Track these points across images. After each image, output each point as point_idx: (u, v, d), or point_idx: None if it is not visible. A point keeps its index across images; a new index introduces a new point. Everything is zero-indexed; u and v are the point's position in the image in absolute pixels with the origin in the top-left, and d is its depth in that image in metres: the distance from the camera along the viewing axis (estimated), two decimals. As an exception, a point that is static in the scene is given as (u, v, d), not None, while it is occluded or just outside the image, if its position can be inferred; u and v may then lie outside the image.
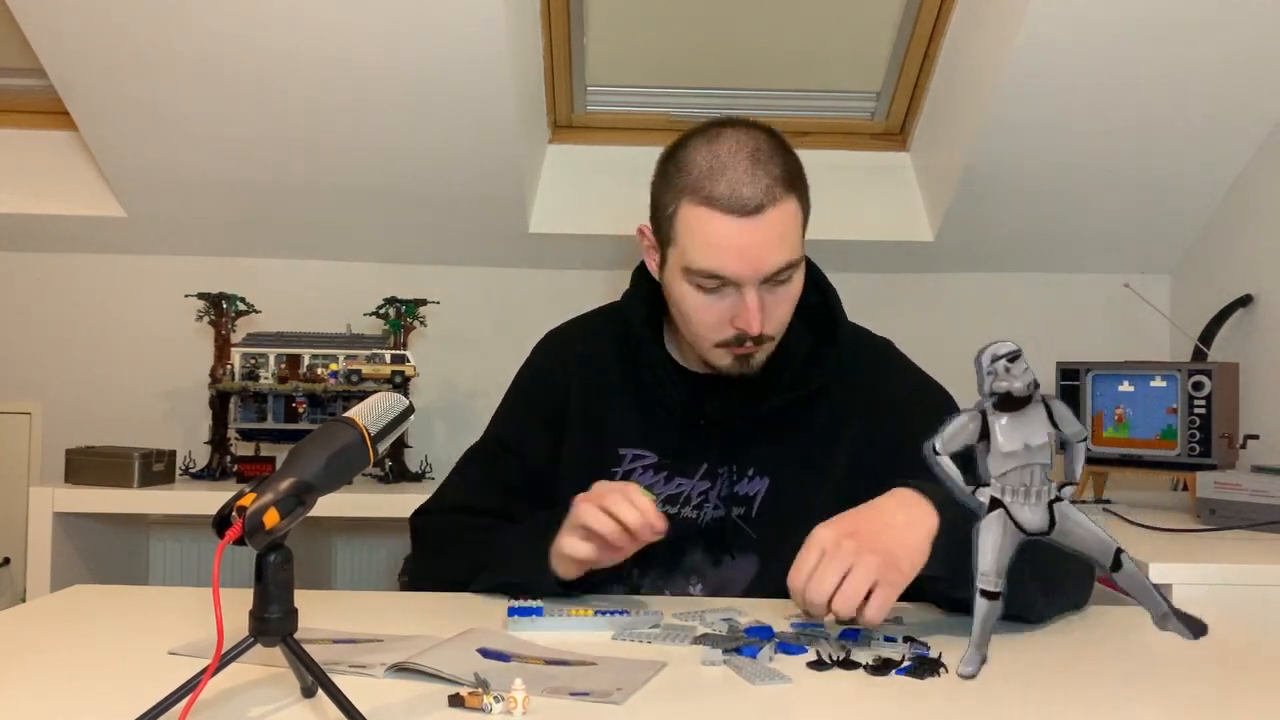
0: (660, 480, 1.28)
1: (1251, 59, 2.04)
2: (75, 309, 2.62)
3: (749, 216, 1.14)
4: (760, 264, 1.16)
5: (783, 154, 1.19)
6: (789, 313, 1.23)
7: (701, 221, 1.16)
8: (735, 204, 1.14)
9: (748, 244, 1.15)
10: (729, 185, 1.14)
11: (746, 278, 1.16)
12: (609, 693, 0.83)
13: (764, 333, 1.19)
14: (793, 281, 1.21)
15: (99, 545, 2.28)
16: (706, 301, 1.20)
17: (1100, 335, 2.57)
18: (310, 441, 0.80)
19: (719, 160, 1.16)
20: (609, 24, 2.36)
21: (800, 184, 1.20)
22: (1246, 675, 0.97)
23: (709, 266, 1.17)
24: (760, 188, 1.14)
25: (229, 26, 2.02)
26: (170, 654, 0.94)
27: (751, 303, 1.16)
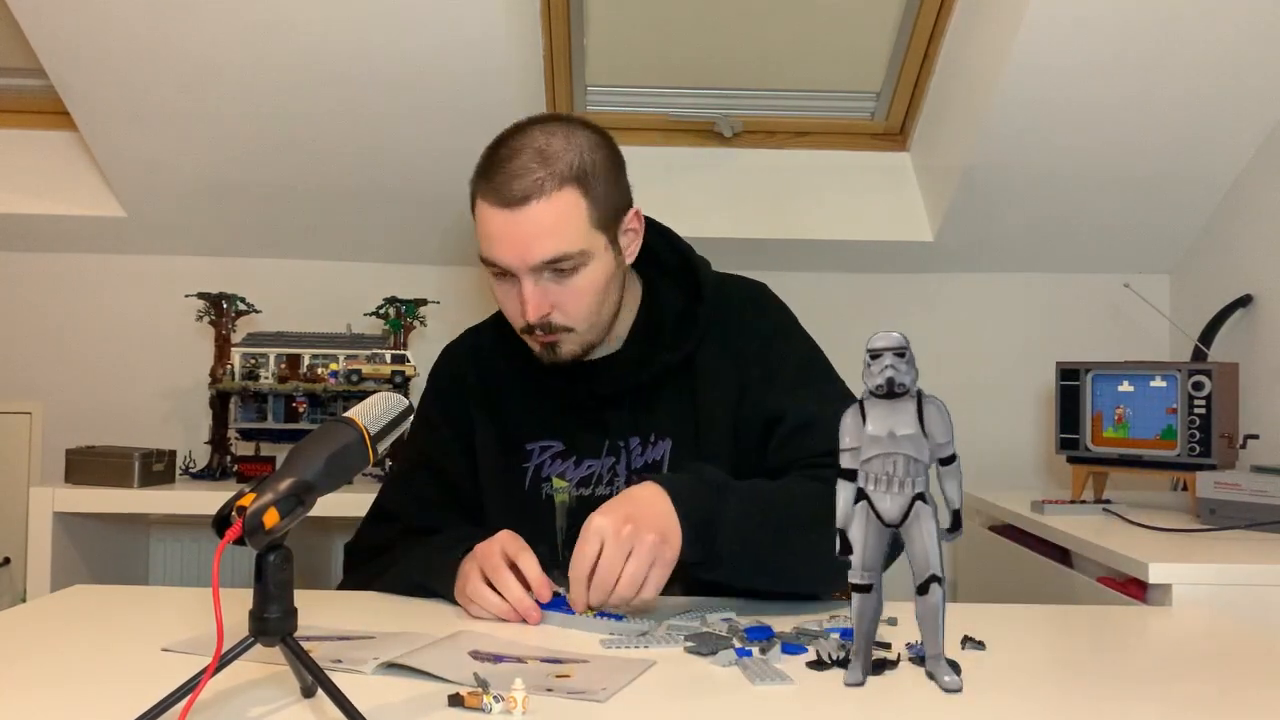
0: (570, 466, 1.32)
1: (1251, 59, 2.05)
2: (75, 309, 2.61)
3: (513, 208, 1.18)
4: (527, 254, 1.19)
5: (581, 150, 1.22)
6: (584, 305, 1.24)
7: (481, 211, 1.22)
8: (503, 195, 1.19)
9: (512, 234, 1.19)
10: (503, 177, 1.19)
11: (516, 267, 1.20)
12: (594, 691, 0.83)
13: (554, 322, 1.23)
14: (580, 274, 1.22)
15: (99, 545, 2.28)
16: (502, 289, 1.26)
17: (1100, 335, 2.57)
18: (310, 441, 0.80)
19: (507, 151, 1.21)
20: (609, 24, 2.36)
21: (595, 180, 1.22)
22: (1246, 675, 0.97)
23: (488, 255, 1.23)
24: (529, 181, 1.18)
25: (229, 27, 2.02)
26: (164, 650, 0.94)
27: (525, 292, 1.21)
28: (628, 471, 1.31)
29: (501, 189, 1.19)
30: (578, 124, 1.26)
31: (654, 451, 1.31)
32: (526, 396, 1.35)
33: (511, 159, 1.20)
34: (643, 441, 1.31)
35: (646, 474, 1.19)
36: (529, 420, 1.34)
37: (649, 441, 1.31)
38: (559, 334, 1.25)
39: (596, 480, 1.32)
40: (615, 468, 1.32)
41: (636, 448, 1.31)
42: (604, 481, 1.32)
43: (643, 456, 1.31)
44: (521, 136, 1.22)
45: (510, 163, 1.19)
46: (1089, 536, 1.63)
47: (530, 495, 1.32)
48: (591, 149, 1.23)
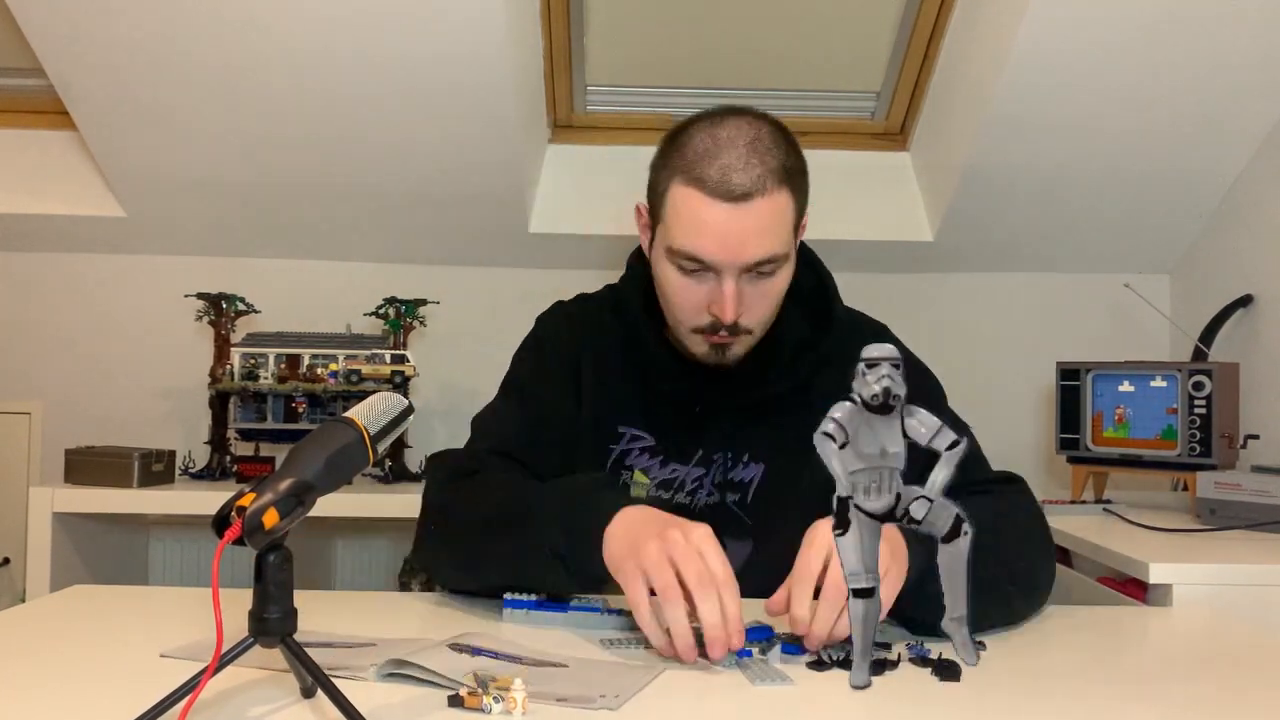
0: (656, 465, 1.28)
1: (1250, 59, 2.04)
2: (75, 309, 2.62)
3: (735, 203, 1.13)
4: (741, 252, 1.15)
5: (784, 147, 1.17)
6: (770, 308, 1.22)
7: (689, 202, 1.15)
8: (723, 189, 1.13)
9: (730, 230, 1.14)
10: (720, 170, 1.13)
11: (726, 264, 1.15)
12: (593, 699, 0.81)
13: (740, 324, 1.19)
14: (776, 276, 1.19)
15: (99, 545, 2.28)
16: (686, 284, 1.19)
17: (1100, 335, 2.57)
18: (310, 441, 0.80)
19: (716, 144, 1.15)
20: (609, 24, 2.36)
21: (797, 180, 1.19)
22: (1246, 675, 0.97)
23: (690, 248, 1.16)
24: (751, 176, 1.13)
25: (229, 27, 2.02)
26: (163, 656, 0.94)
27: (728, 290, 1.16)
28: (713, 486, 1.28)
29: (721, 181, 1.12)
30: (771, 120, 1.20)
31: (744, 472, 1.28)
32: (629, 380, 1.29)
33: (725, 150, 1.13)
34: (735, 459, 1.28)
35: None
36: (628, 405, 1.28)
37: (742, 461, 1.28)
38: (739, 336, 1.20)
39: (679, 487, 1.28)
40: (702, 479, 1.28)
41: (729, 464, 1.28)
42: (685, 489, 1.28)
43: (731, 474, 1.28)
44: (728, 127, 1.16)
45: (725, 153, 1.13)
46: (1089, 536, 1.63)
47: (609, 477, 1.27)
48: (791, 147, 1.18)
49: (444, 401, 2.57)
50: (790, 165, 1.17)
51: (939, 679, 0.89)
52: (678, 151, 1.18)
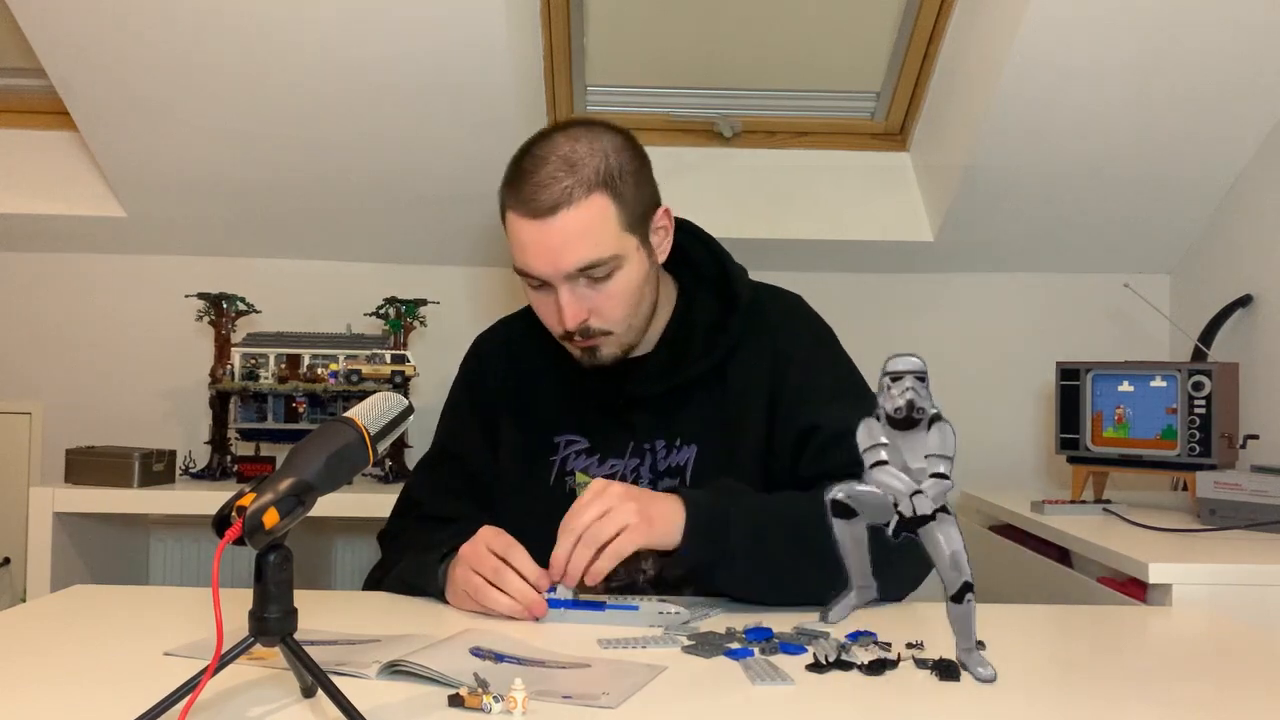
0: (594, 463, 1.34)
1: (1251, 59, 2.04)
2: (75, 309, 2.61)
3: (542, 219, 1.19)
4: (559, 263, 1.20)
5: (605, 154, 1.22)
6: (621, 308, 1.25)
7: (511, 223, 1.23)
8: (531, 207, 1.19)
9: (544, 244, 1.20)
10: (531, 188, 1.19)
11: (550, 276, 1.21)
12: (596, 696, 0.82)
13: (592, 327, 1.24)
14: (615, 279, 1.23)
15: (99, 545, 2.28)
16: (538, 298, 1.27)
17: (1100, 335, 2.57)
18: (310, 441, 0.80)
19: (532, 163, 1.21)
20: (609, 24, 2.36)
21: (622, 182, 1.22)
22: (1246, 675, 0.97)
23: (519, 265, 1.24)
24: (556, 190, 1.18)
25: (229, 27, 2.02)
26: (166, 654, 0.94)
27: (561, 300, 1.22)
28: (651, 474, 1.32)
29: (530, 200, 1.19)
30: (601, 127, 1.26)
31: (678, 456, 1.31)
32: (556, 391, 1.36)
33: (538, 169, 1.20)
34: (668, 445, 1.32)
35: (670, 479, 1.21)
36: (557, 415, 1.35)
37: (674, 446, 1.32)
38: (598, 338, 1.26)
39: (620, 478, 1.32)
40: (639, 469, 1.32)
41: (662, 451, 1.32)
42: (628, 480, 1.32)
43: (667, 460, 1.31)
44: (546, 144, 1.22)
45: (537, 173, 1.20)
46: (1089, 536, 1.63)
47: (555, 488, 1.34)
48: (616, 151, 1.23)
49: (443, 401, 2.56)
50: (609, 171, 1.21)
51: (939, 679, 0.89)
52: (508, 176, 1.25)
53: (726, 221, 2.50)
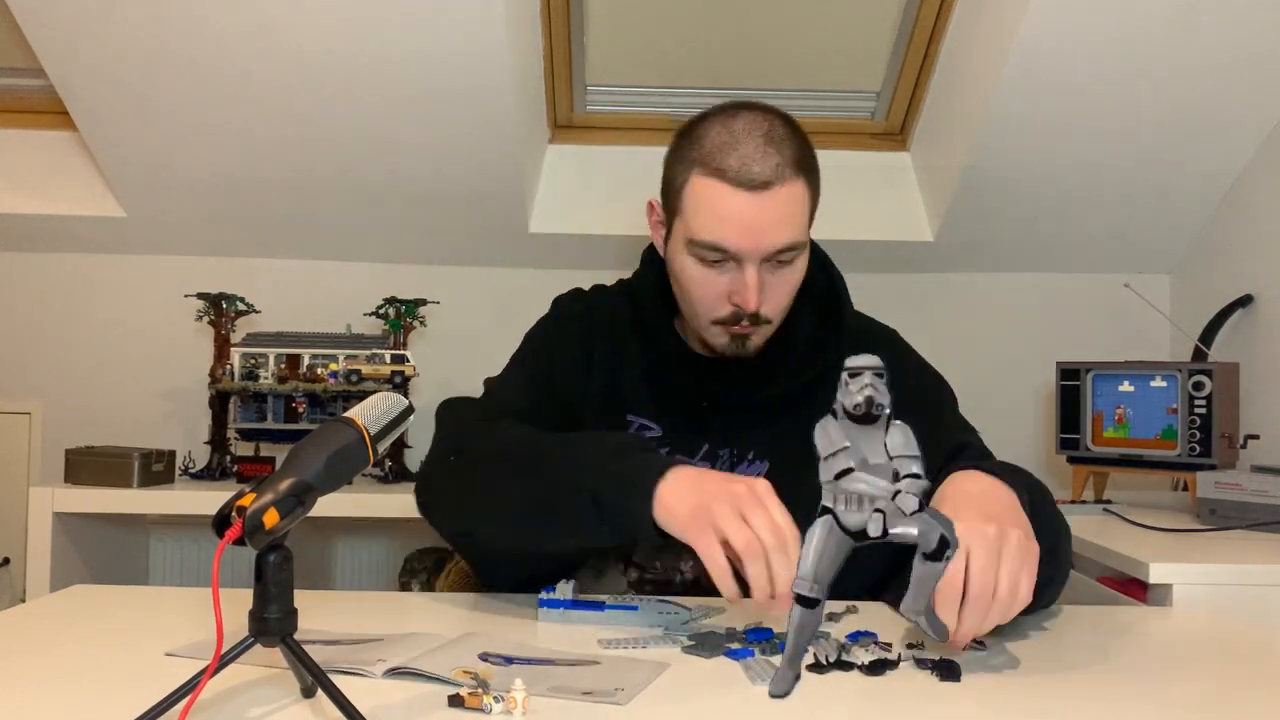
0: None
1: (1251, 59, 2.05)
2: (75, 309, 2.62)
3: (757, 191, 1.15)
4: (764, 240, 1.16)
5: (796, 138, 1.20)
6: (788, 296, 1.23)
7: (710, 193, 1.16)
8: (744, 178, 1.14)
9: (753, 219, 1.15)
10: (740, 159, 1.15)
11: (749, 253, 1.17)
12: (611, 692, 0.83)
13: (761, 313, 1.20)
14: (795, 265, 1.21)
15: (99, 545, 2.28)
16: (708, 275, 1.20)
17: (1100, 335, 2.57)
18: (310, 441, 0.80)
19: (733, 135, 1.16)
20: (609, 24, 2.36)
21: (811, 169, 1.21)
22: (1247, 675, 0.97)
23: (713, 239, 1.17)
24: (770, 165, 1.15)
25: (229, 27, 2.02)
26: (168, 655, 0.94)
27: (751, 279, 1.17)
28: None
29: (742, 171, 1.14)
30: (782, 114, 1.22)
31: (749, 470, 1.27)
32: (638, 372, 1.30)
33: (742, 141, 1.16)
34: (740, 456, 1.28)
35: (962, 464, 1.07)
36: (637, 394, 1.29)
37: (747, 459, 1.28)
38: (759, 326, 1.22)
39: None
40: None
41: (733, 460, 1.28)
42: None
43: (735, 470, 1.27)
44: (742, 120, 1.18)
45: (742, 145, 1.15)
46: (1089, 536, 1.63)
47: None
48: (804, 139, 1.21)
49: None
50: (804, 156, 1.19)
51: (939, 679, 0.89)
52: (694, 145, 1.19)
53: (726, 221, 2.52)
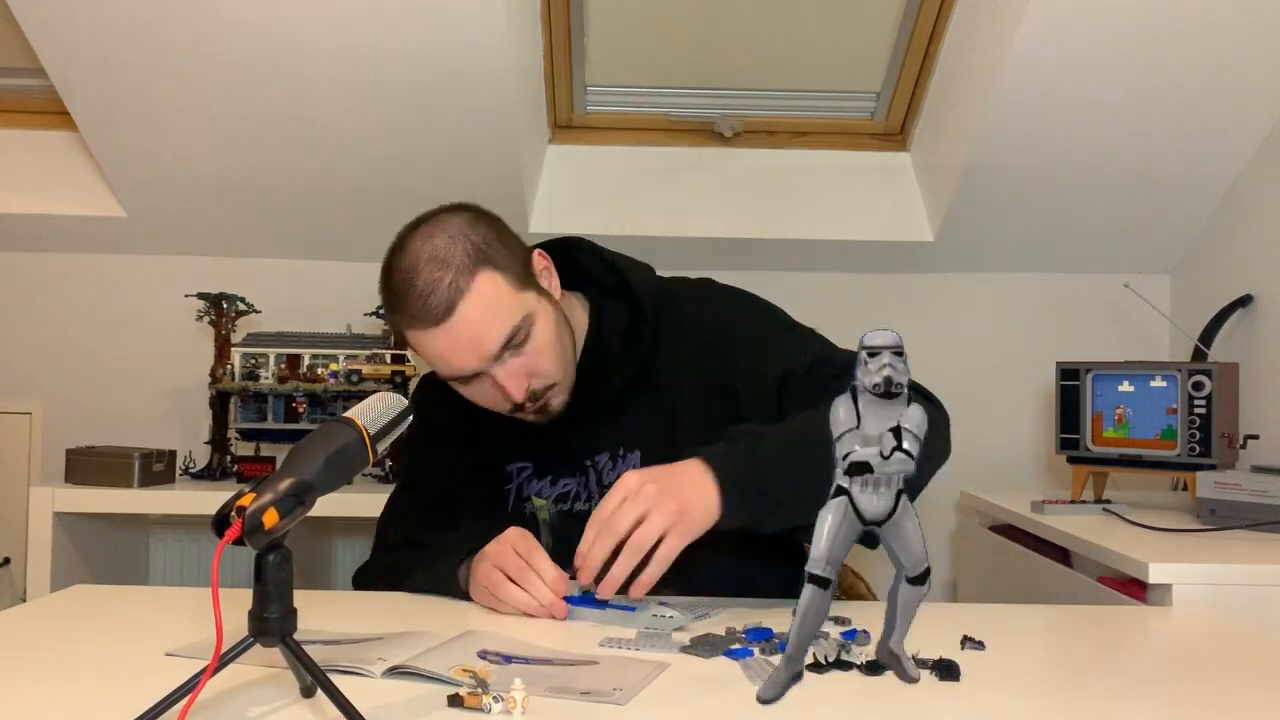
0: (546, 485, 1.34)
1: (1250, 60, 2.05)
2: (75, 309, 2.62)
3: (440, 324, 1.17)
4: (479, 351, 1.19)
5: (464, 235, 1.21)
6: (551, 357, 1.24)
7: (416, 339, 1.21)
8: (428, 315, 1.17)
9: (452, 346, 1.19)
10: (417, 301, 1.17)
11: (475, 367, 1.20)
12: (609, 692, 0.83)
13: (534, 389, 1.23)
14: (534, 336, 1.22)
15: (99, 545, 2.28)
16: (473, 389, 1.25)
17: (1100, 335, 2.57)
18: (310, 441, 0.80)
19: (405, 277, 1.19)
20: (609, 24, 2.36)
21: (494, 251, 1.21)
22: (1246, 675, 0.97)
23: (445, 375, 1.24)
24: (441, 290, 1.17)
25: (229, 27, 2.02)
26: (168, 655, 0.94)
27: (501, 379, 1.21)
28: (599, 488, 1.32)
29: (423, 311, 1.17)
30: (442, 214, 1.26)
31: (624, 465, 1.31)
32: (499, 421, 1.33)
33: (413, 279, 1.18)
34: (611, 456, 1.32)
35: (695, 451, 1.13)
36: (504, 444, 1.36)
37: (618, 456, 1.32)
38: (545, 395, 1.25)
39: (574, 496, 1.33)
40: (589, 485, 1.33)
41: (606, 463, 1.32)
42: (581, 497, 1.33)
43: (614, 471, 1.32)
44: (406, 256, 1.21)
45: (415, 282, 1.18)
46: (1089, 536, 1.63)
47: (514, 515, 1.35)
48: (470, 228, 1.22)
49: None
50: (477, 248, 1.20)
51: (938, 679, 0.89)
52: (388, 299, 1.23)
53: (726, 221, 2.52)
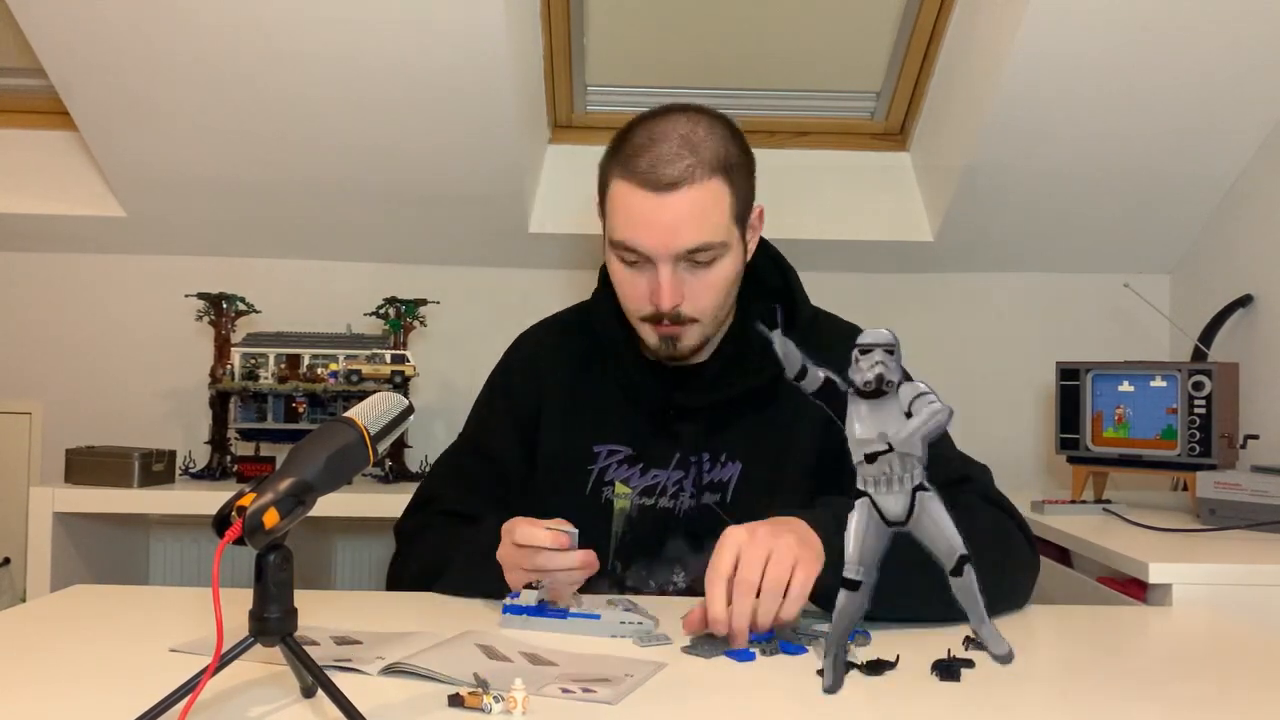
0: (635, 473, 1.30)
1: (1250, 59, 2.04)
2: (75, 309, 2.61)
3: (662, 192, 1.17)
4: (671, 240, 1.18)
5: (724, 140, 1.21)
6: (715, 297, 1.24)
7: (623, 194, 1.20)
8: (651, 179, 1.17)
9: (658, 219, 1.18)
10: (650, 162, 1.17)
11: (658, 253, 1.19)
12: (609, 692, 0.83)
13: (683, 313, 1.22)
14: (716, 266, 1.22)
15: (99, 545, 2.28)
16: (630, 275, 1.23)
17: (1100, 335, 2.57)
18: (310, 441, 0.80)
19: (651, 138, 1.19)
20: (609, 24, 2.36)
21: (737, 172, 1.22)
22: (1246, 675, 0.97)
23: (624, 239, 1.21)
24: (680, 167, 1.17)
25: (229, 27, 2.02)
26: (171, 651, 0.94)
27: (663, 279, 1.19)
28: (694, 488, 1.29)
29: (650, 173, 1.17)
30: (713, 115, 1.24)
31: (723, 472, 1.29)
32: (601, 398, 1.32)
33: (658, 143, 1.18)
34: (713, 460, 1.29)
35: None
36: (600, 422, 1.32)
37: (719, 461, 1.29)
38: (685, 325, 1.24)
39: (660, 492, 1.30)
40: (682, 482, 1.29)
41: (707, 464, 1.29)
42: (668, 494, 1.30)
43: (711, 474, 1.29)
44: (664, 122, 1.20)
45: (657, 146, 1.18)
46: (1089, 536, 1.63)
47: (591, 498, 1.30)
48: (732, 141, 1.22)
49: (444, 401, 2.57)
50: (728, 158, 1.21)
51: (939, 679, 0.89)
52: (618, 148, 1.22)
53: (726, 221, 2.51)
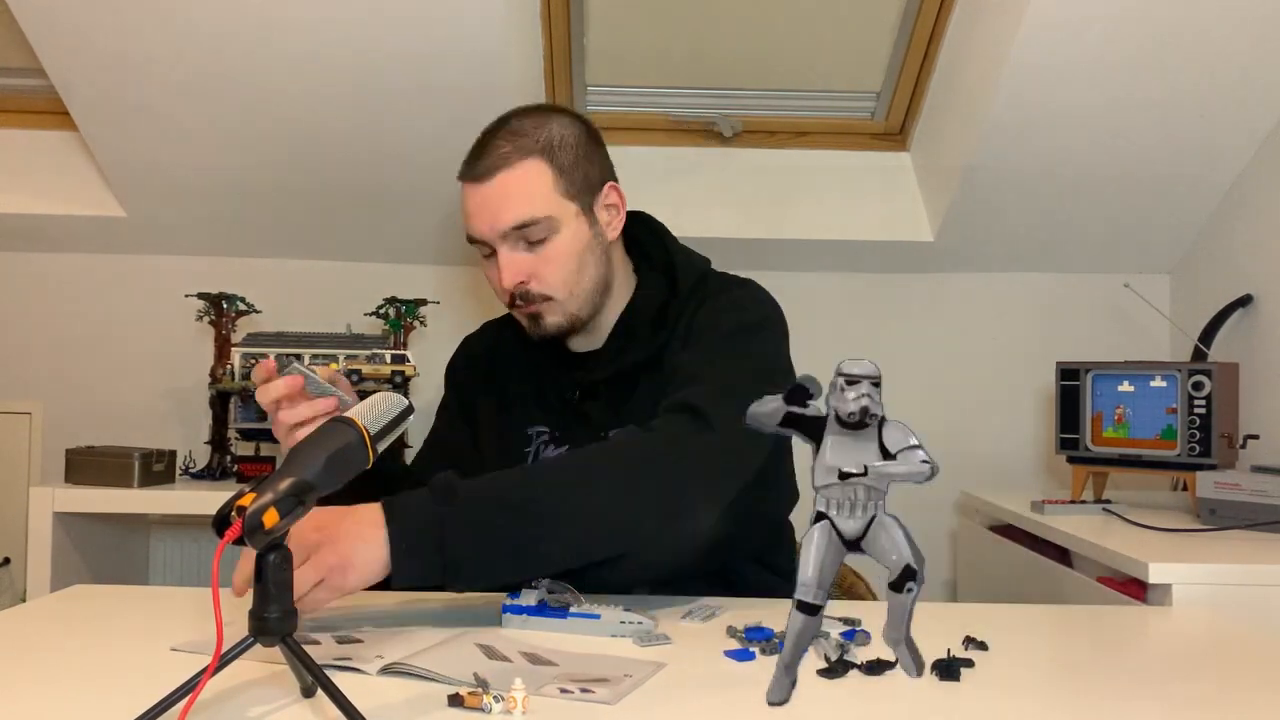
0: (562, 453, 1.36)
1: (1250, 60, 2.04)
2: (75, 309, 2.61)
3: (482, 180, 1.28)
4: (494, 220, 1.27)
5: (555, 127, 1.29)
6: (558, 272, 1.29)
7: (463, 195, 1.31)
8: (475, 171, 1.29)
9: (484, 205, 1.28)
10: (474, 157, 1.30)
11: (488, 235, 1.29)
12: (608, 692, 0.83)
13: (531, 291, 1.29)
14: (552, 242, 1.28)
15: (99, 545, 2.28)
16: (487, 267, 1.34)
17: (1100, 335, 2.57)
18: (310, 441, 0.80)
19: (480, 141, 1.31)
20: (609, 24, 2.36)
21: (562, 151, 1.29)
22: (1246, 675, 0.97)
23: (468, 232, 1.31)
24: (496, 155, 1.27)
25: (229, 27, 2.02)
26: (172, 651, 0.94)
27: (501, 259, 1.29)
28: None
29: (474, 166, 1.28)
30: (558, 110, 1.35)
31: None
32: (527, 384, 1.41)
33: (484, 142, 1.30)
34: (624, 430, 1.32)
35: None
36: (528, 406, 1.41)
37: None
38: (539, 304, 1.30)
39: None
40: None
41: None
42: None
43: None
44: (499, 122, 1.32)
45: (483, 144, 1.30)
46: (1089, 536, 1.63)
47: None
48: (562, 127, 1.30)
49: None
50: (550, 140, 1.29)
51: (939, 679, 0.89)
52: None
53: (726, 221, 2.51)
